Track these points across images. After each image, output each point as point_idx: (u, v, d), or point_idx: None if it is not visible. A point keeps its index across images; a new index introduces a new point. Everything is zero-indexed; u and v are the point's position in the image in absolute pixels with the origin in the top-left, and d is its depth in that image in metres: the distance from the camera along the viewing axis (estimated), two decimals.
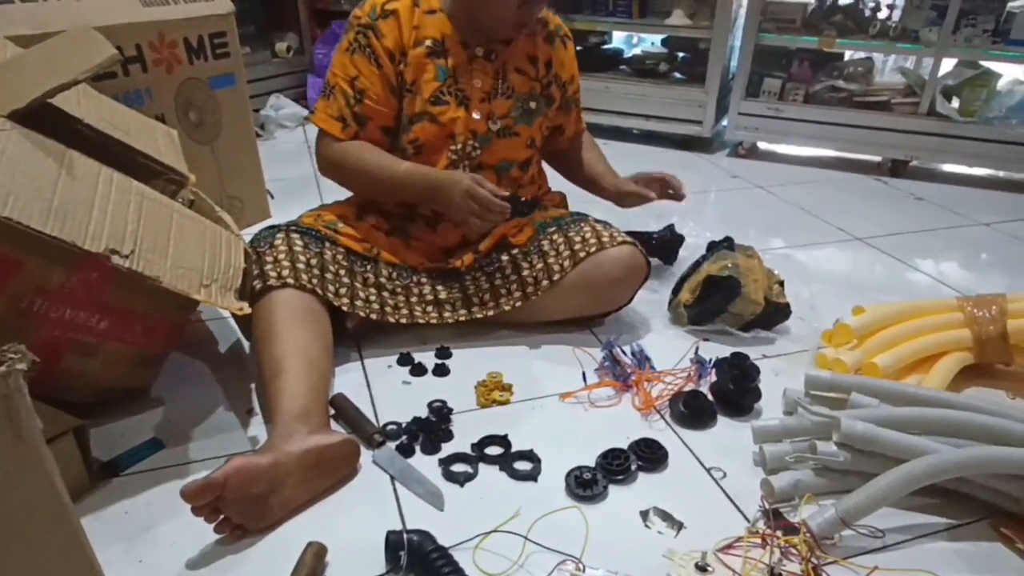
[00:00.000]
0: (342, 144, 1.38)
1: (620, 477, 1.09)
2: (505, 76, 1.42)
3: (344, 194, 1.52)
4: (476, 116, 1.40)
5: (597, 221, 1.48)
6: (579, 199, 1.66)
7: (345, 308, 1.31)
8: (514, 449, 1.15)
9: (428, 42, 1.36)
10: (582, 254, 1.40)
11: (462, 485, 1.08)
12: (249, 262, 1.24)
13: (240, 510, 0.94)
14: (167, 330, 1.19)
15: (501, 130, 1.43)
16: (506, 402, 1.28)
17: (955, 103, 2.56)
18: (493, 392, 1.28)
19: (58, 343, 1.05)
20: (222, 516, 0.94)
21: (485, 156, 1.44)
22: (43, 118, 1.12)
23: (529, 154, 1.50)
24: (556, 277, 1.40)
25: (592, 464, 1.11)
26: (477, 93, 1.40)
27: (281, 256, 1.28)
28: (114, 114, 1.37)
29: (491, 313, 1.43)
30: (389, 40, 1.34)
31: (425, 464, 1.12)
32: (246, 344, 1.42)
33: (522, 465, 1.12)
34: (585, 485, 1.06)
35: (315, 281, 1.27)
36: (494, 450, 1.15)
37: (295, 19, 3.49)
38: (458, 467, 1.11)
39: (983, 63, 2.53)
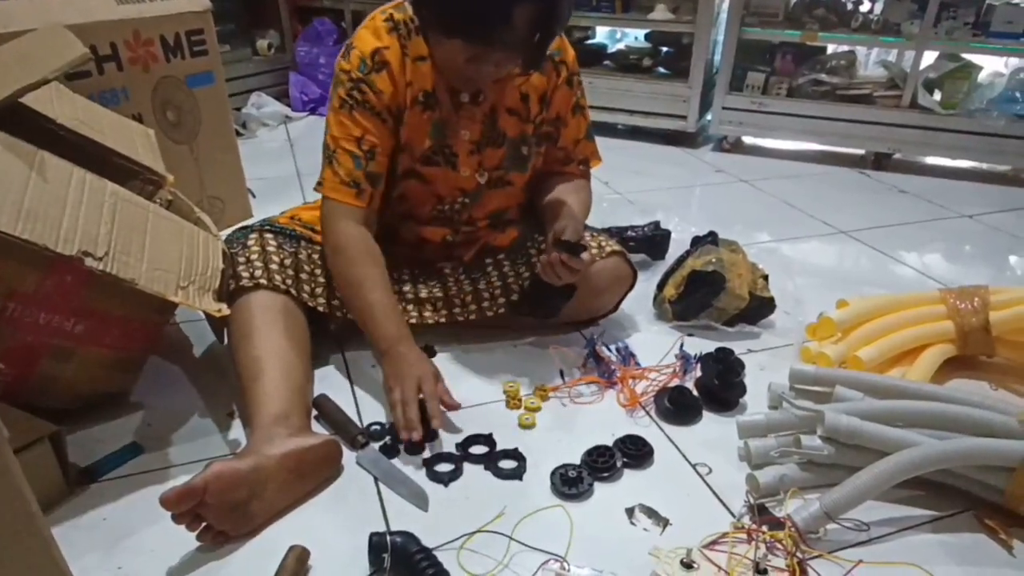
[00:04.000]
0: (352, 235, 1.22)
1: (605, 474, 1.08)
2: (495, 121, 1.29)
3: None
4: (464, 173, 1.31)
5: (584, 228, 1.46)
6: None
7: (321, 309, 1.29)
8: (499, 448, 1.14)
9: (421, 96, 1.23)
10: None
11: (446, 485, 1.07)
12: (228, 263, 1.22)
13: (221, 516, 0.93)
14: (145, 333, 1.17)
15: (492, 182, 1.35)
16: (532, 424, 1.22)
17: (937, 96, 2.57)
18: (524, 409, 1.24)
19: (33, 348, 1.03)
20: (203, 523, 0.92)
21: (475, 210, 1.38)
22: (14, 118, 1.10)
23: (524, 197, 1.44)
24: None
25: (577, 462, 1.10)
26: (465, 145, 1.29)
27: (254, 257, 1.26)
28: (89, 114, 1.35)
29: (473, 317, 1.41)
30: (387, 96, 1.20)
31: (409, 465, 1.11)
32: (223, 346, 1.40)
33: (507, 464, 1.11)
34: (571, 483, 1.06)
35: (289, 282, 1.25)
36: (479, 449, 1.14)
37: (276, 16, 3.46)
38: (442, 467, 1.10)
39: (964, 56, 2.55)
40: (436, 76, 1.23)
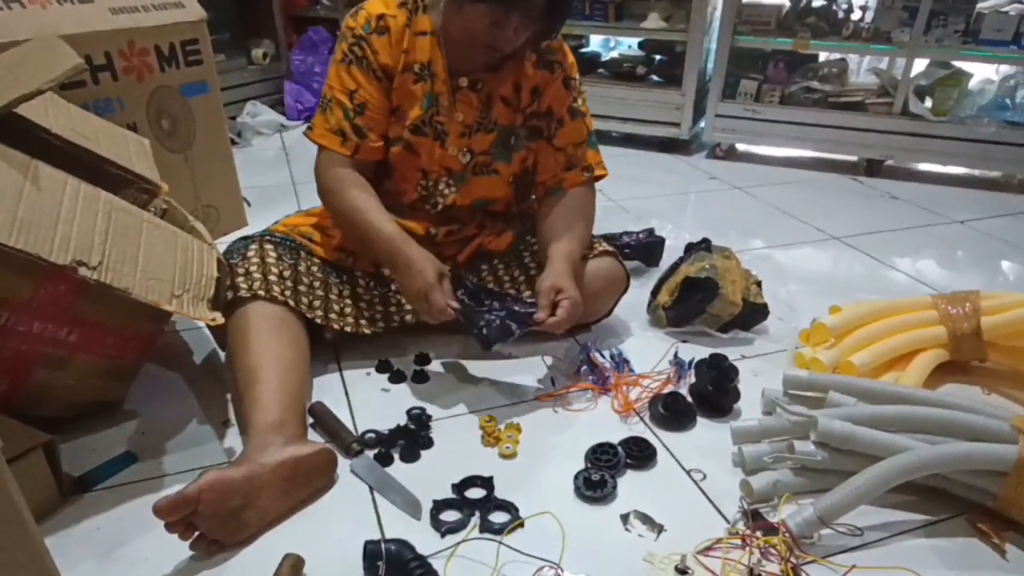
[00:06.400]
0: (340, 174, 1.31)
1: (611, 471, 1.09)
2: (489, 107, 1.35)
3: None
4: (452, 152, 1.35)
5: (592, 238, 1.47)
6: None
7: (319, 321, 1.29)
8: (495, 491, 1.07)
9: (416, 67, 1.30)
10: None
11: (442, 536, 0.99)
12: (223, 271, 1.22)
13: (215, 525, 0.93)
14: (139, 342, 1.17)
15: (478, 167, 1.39)
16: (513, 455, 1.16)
17: (928, 103, 2.59)
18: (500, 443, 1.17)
19: (27, 357, 1.03)
20: (197, 532, 0.92)
21: (459, 196, 1.40)
22: (9, 128, 1.10)
23: (509, 192, 1.46)
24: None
25: (571, 468, 1.10)
26: (457, 127, 1.34)
27: (253, 268, 1.26)
28: (83, 123, 1.35)
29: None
30: (383, 56, 1.29)
31: (404, 473, 1.11)
32: (221, 354, 1.40)
33: (498, 517, 1.02)
34: (594, 486, 1.06)
35: (288, 293, 1.26)
36: (475, 492, 1.07)
37: (271, 26, 3.47)
38: (448, 515, 1.03)
39: (954, 63, 2.57)
40: (435, 53, 1.30)
